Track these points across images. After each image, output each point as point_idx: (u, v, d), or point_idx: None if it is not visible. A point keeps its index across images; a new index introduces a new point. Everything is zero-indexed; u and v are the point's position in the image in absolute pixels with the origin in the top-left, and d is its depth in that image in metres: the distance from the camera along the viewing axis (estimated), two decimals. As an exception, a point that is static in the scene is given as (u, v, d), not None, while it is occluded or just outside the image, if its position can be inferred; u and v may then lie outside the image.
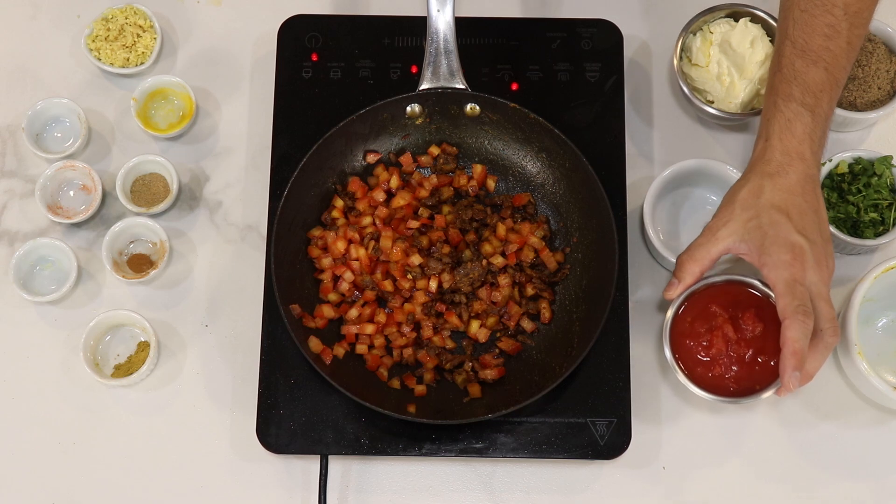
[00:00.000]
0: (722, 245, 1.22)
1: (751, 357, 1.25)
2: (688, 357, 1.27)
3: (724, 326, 1.25)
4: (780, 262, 1.18)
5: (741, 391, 1.25)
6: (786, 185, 1.21)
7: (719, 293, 1.27)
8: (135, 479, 1.37)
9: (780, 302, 1.18)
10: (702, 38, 1.46)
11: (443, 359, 1.37)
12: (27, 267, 1.43)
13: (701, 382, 1.26)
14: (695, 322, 1.27)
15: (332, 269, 1.40)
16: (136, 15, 1.51)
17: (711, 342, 1.26)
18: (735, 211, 1.22)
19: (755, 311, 1.25)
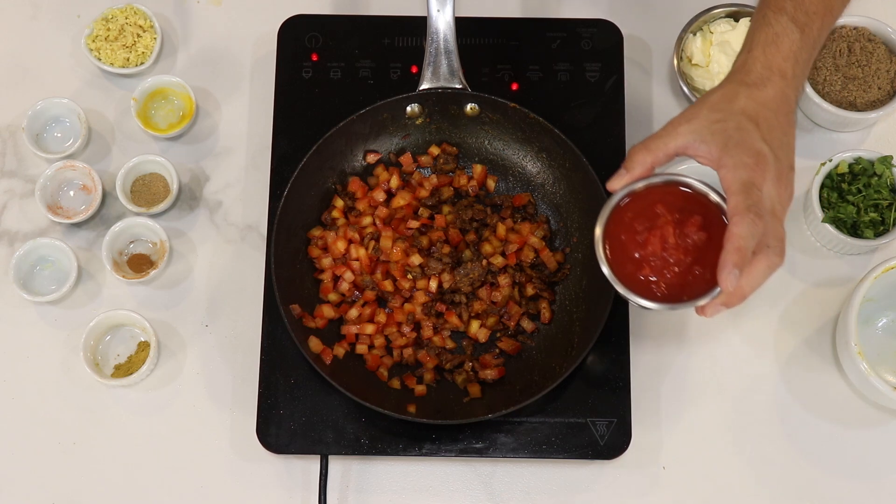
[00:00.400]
0: (681, 140, 1.14)
1: (686, 266, 1.16)
2: (619, 252, 1.18)
3: (665, 228, 1.16)
4: (741, 163, 1.11)
5: (667, 299, 1.16)
6: (761, 98, 1.15)
7: (669, 195, 1.18)
8: (135, 479, 1.37)
9: (732, 200, 1.10)
10: (702, 39, 1.46)
11: (443, 359, 1.38)
12: (27, 267, 1.43)
13: (626, 279, 1.17)
14: (636, 218, 1.18)
15: (333, 269, 1.40)
16: (136, 15, 1.51)
17: (647, 241, 1.17)
18: (702, 111, 1.15)
19: (702, 220, 1.16)
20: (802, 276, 1.44)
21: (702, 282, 1.15)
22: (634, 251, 1.17)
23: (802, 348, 1.41)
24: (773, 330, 1.42)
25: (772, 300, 1.43)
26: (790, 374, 1.40)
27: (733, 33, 1.43)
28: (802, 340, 1.42)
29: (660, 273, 1.16)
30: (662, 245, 1.16)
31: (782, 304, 1.43)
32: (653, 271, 1.16)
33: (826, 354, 1.41)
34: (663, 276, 1.16)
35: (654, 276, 1.17)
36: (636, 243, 1.17)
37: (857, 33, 1.45)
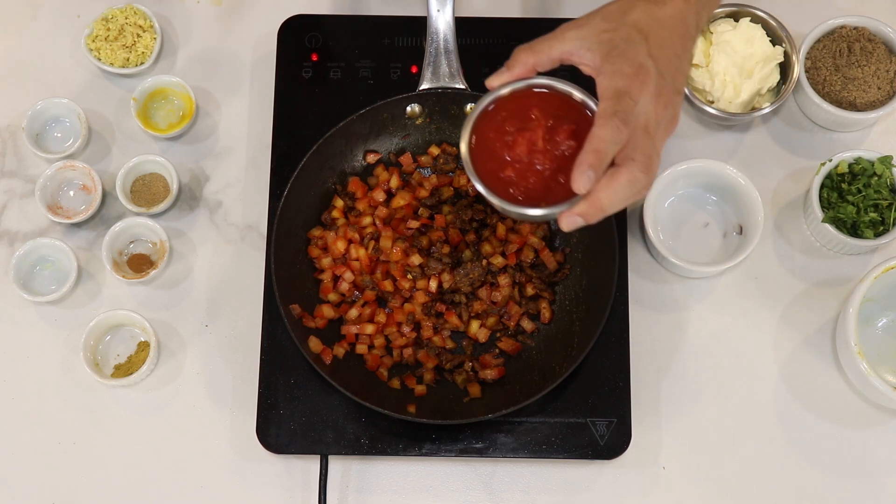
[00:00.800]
0: (567, 45, 1.10)
1: (550, 173, 1.12)
2: (484, 148, 1.14)
3: (535, 132, 1.12)
4: (619, 72, 1.07)
5: (525, 203, 1.12)
6: (657, 14, 1.12)
7: (547, 100, 1.14)
8: (135, 478, 1.37)
9: (601, 105, 1.06)
10: (702, 39, 1.46)
11: (443, 359, 1.38)
12: (27, 267, 1.43)
13: (486, 177, 1.13)
14: (508, 118, 1.14)
15: (332, 268, 1.40)
16: (136, 15, 1.51)
17: (515, 143, 1.12)
18: (594, 19, 1.12)
19: (575, 129, 1.12)
20: (802, 276, 1.44)
21: (564, 192, 1.10)
22: (501, 151, 1.13)
23: (802, 348, 1.41)
24: (772, 330, 1.42)
25: (772, 300, 1.43)
26: (790, 374, 1.40)
27: (733, 33, 1.44)
28: (802, 340, 1.42)
29: (522, 176, 1.12)
30: (529, 148, 1.12)
31: (782, 304, 1.43)
32: (515, 174, 1.12)
33: (826, 354, 1.41)
34: (525, 179, 1.12)
35: (515, 177, 1.13)
36: (504, 143, 1.13)
37: (857, 33, 1.45)
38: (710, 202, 1.45)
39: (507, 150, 1.13)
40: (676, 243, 1.44)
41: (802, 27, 1.48)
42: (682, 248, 1.44)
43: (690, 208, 1.45)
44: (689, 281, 1.44)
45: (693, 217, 1.45)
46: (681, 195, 1.45)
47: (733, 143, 1.49)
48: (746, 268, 1.44)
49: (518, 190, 1.12)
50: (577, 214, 1.08)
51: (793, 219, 1.46)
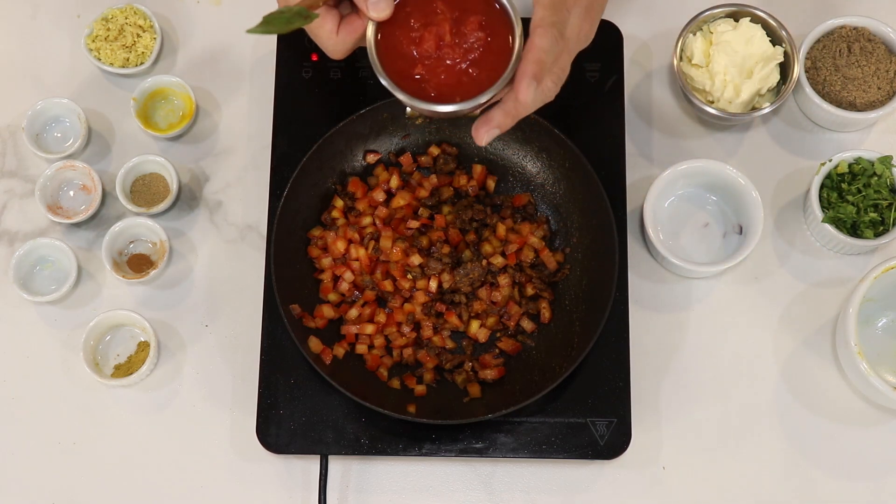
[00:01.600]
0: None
1: (463, 67, 1.09)
2: (391, 49, 1.11)
3: (442, 25, 1.09)
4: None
5: (440, 99, 1.09)
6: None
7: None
8: (135, 478, 1.37)
9: (540, 12, 1.07)
10: (702, 38, 1.46)
11: (443, 359, 1.38)
12: (27, 267, 1.43)
13: (398, 78, 1.10)
14: (413, 14, 1.10)
15: (332, 269, 1.40)
16: (135, 15, 1.51)
17: (422, 39, 1.09)
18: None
19: (483, 20, 1.10)
20: (802, 276, 1.44)
21: (475, 84, 1.09)
22: (409, 48, 1.10)
23: (802, 348, 1.41)
24: (772, 330, 1.42)
25: (772, 300, 1.43)
26: (790, 374, 1.41)
27: (733, 33, 1.44)
28: (802, 340, 1.42)
29: (433, 72, 1.10)
30: (437, 43, 1.09)
31: (782, 303, 1.43)
32: (425, 70, 1.10)
33: (826, 354, 1.41)
34: (436, 75, 1.10)
35: (426, 74, 1.10)
36: (411, 40, 1.10)
37: (857, 33, 1.45)
38: (710, 202, 1.45)
39: (414, 46, 1.10)
40: (676, 243, 1.44)
41: (802, 27, 1.48)
42: (682, 248, 1.44)
43: (690, 208, 1.45)
44: (689, 281, 1.44)
45: (693, 217, 1.45)
46: (681, 195, 1.45)
47: (733, 143, 1.49)
48: (746, 268, 1.44)
49: (429, 86, 1.10)
50: (495, 126, 1.09)
51: (793, 219, 1.46)
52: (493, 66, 1.08)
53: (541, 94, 1.09)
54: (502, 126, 1.09)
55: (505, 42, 1.08)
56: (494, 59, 1.08)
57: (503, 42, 1.08)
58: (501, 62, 1.08)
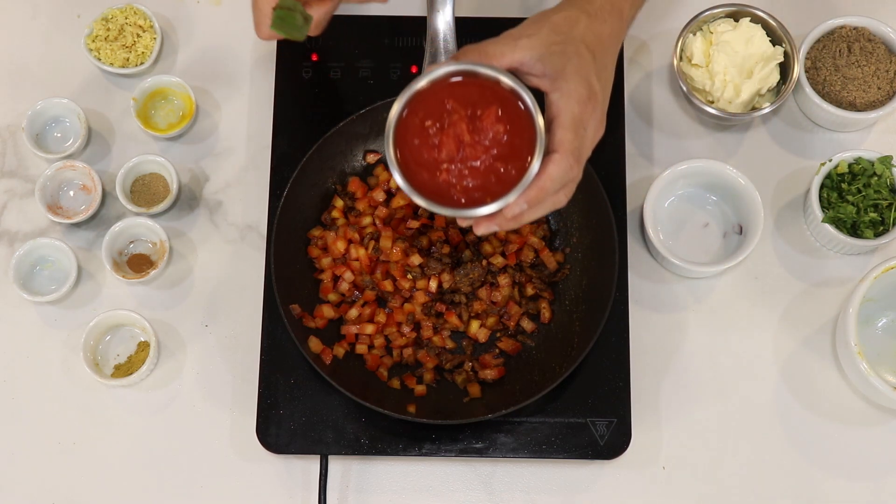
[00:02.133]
0: (519, 55, 1.09)
1: (488, 165, 1.07)
2: (412, 159, 1.07)
3: (459, 125, 1.06)
4: (577, 93, 1.08)
5: (471, 204, 1.07)
6: (599, 31, 1.13)
7: (458, 87, 1.08)
8: (135, 478, 1.37)
9: (560, 134, 1.07)
10: (702, 38, 1.46)
11: (443, 359, 1.38)
12: (27, 267, 1.43)
13: (423, 188, 1.07)
14: (426, 119, 1.07)
15: (332, 269, 1.40)
16: (135, 15, 1.51)
17: (442, 144, 1.06)
18: (543, 30, 1.11)
19: (498, 109, 1.07)
20: (802, 276, 1.44)
21: (507, 180, 1.07)
22: (430, 156, 1.07)
23: (802, 348, 1.42)
24: (773, 330, 1.42)
25: (772, 300, 1.43)
26: (790, 374, 1.41)
27: (733, 33, 1.44)
28: (802, 340, 1.42)
29: (460, 177, 1.07)
30: (458, 145, 1.06)
31: (782, 304, 1.43)
32: (451, 175, 1.07)
33: (826, 354, 1.41)
34: (464, 179, 1.07)
35: (455, 181, 1.07)
36: (431, 147, 1.07)
37: (857, 33, 1.45)
38: (710, 202, 1.45)
39: (435, 153, 1.07)
40: (676, 243, 1.44)
41: (802, 27, 1.48)
42: (682, 248, 1.44)
43: (690, 208, 1.45)
44: (689, 281, 1.44)
45: (693, 217, 1.45)
46: (681, 195, 1.45)
47: (733, 143, 1.49)
48: (746, 268, 1.44)
49: (458, 192, 1.07)
50: (495, 224, 1.09)
51: (793, 219, 1.46)
52: (518, 155, 1.06)
53: (552, 207, 1.10)
54: (503, 227, 1.10)
55: (526, 125, 1.06)
56: (519, 147, 1.06)
57: (524, 126, 1.06)
58: (526, 147, 1.07)
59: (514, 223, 1.09)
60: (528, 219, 1.09)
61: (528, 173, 1.05)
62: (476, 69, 1.07)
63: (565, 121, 1.07)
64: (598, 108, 1.10)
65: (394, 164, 1.07)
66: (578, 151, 1.08)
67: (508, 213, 1.06)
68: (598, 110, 1.10)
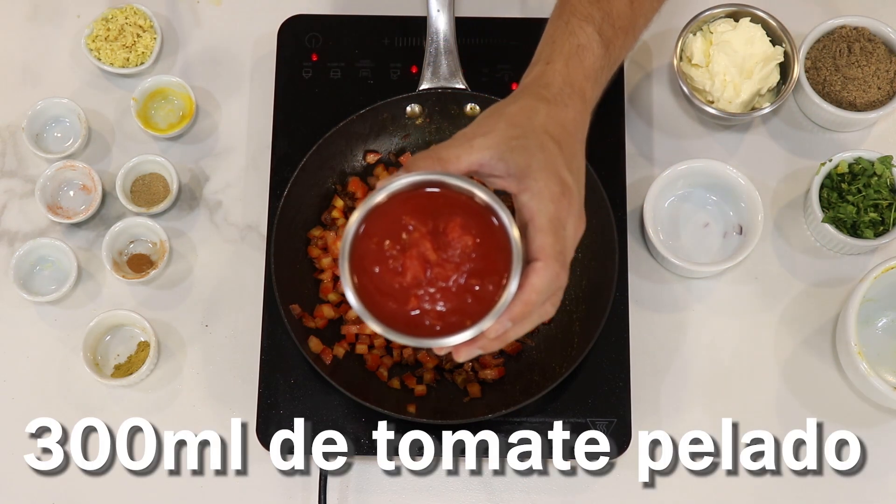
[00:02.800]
0: (476, 156, 0.98)
1: (461, 284, 0.94)
2: (376, 289, 0.94)
3: (421, 244, 0.93)
4: (550, 192, 0.97)
5: (448, 329, 0.94)
6: (561, 118, 1.02)
7: (413, 199, 0.95)
8: (135, 478, 1.37)
9: (540, 239, 0.96)
10: (702, 38, 1.46)
11: (443, 359, 1.38)
12: (27, 267, 1.43)
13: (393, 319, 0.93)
14: (383, 241, 0.94)
15: (333, 269, 1.40)
16: (136, 15, 1.51)
17: (405, 267, 0.93)
18: (500, 125, 0.99)
19: (463, 220, 0.94)
20: (802, 276, 1.44)
21: (484, 299, 0.94)
22: (393, 282, 0.94)
23: (802, 348, 1.42)
24: (772, 330, 1.42)
25: (772, 300, 1.43)
26: (790, 374, 1.41)
27: (733, 33, 1.44)
28: (802, 340, 1.42)
29: (431, 300, 0.94)
30: (424, 267, 0.93)
31: (782, 304, 1.43)
32: (421, 301, 0.94)
33: (826, 354, 1.41)
34: (435, 304, 0.94)
35: (425, 305, 0.94)
36: (394, 273, 0.94)
37: (857, 33, 1.45)
38: (710, 202, 1.45)
39: (399, 279, 0.94)
40: (676, 243, 1.44)
41: (802, 27, 1.48)
42: (682, 248, 1.44)
43: (690, 208, 1.45)
44: (688, 281, 1.44)
45: (693, 217, 1.45)
46: (681, 195, 1.45)
47: (733, 143, 1.49)
48: (746, 268, 1.45)
49: (432, 318, 0.94)
50: (479, 348, 0.98)
51: (793, 219, 1.46)
52: (494, 269, 0.94)
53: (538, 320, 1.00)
54: (486, 349, 0.99)
55: (497, 235, 0.94)
56: (494, 259, 0.94)
57: (495, 235, 0.94)
58: (502, 258, 0.95)
59: (499, 343, 0.97)
60: (513, 336, 0.97)
61: (507, 289, 0.93)
62: (444, 180, 0.95)
63: (542, 223, 0.96)
64: (574, 203, 0.99)
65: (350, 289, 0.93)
66: (562, 256, 0.97)
67: (492, 334, 0.94)
68: (574, 205, 0.99)
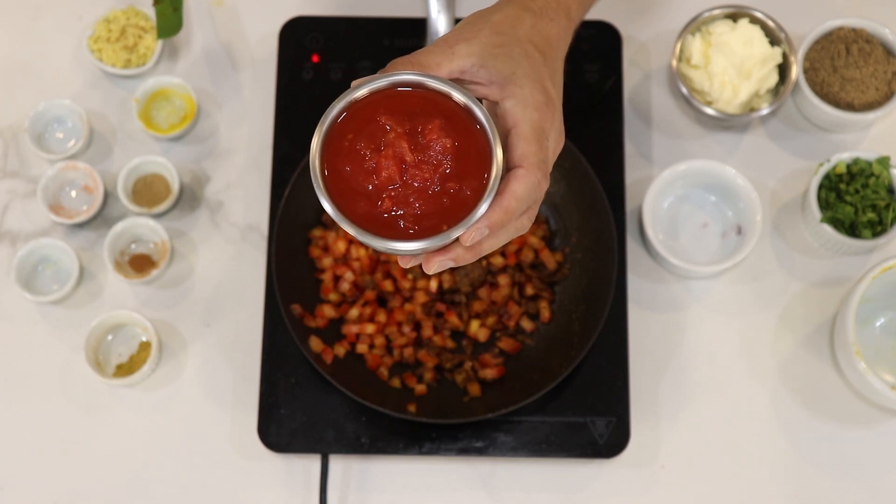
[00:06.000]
0: (458, 63, 0.94)
1: (437, 187, 0.89)
2: (346, 189, 0.89)
3: (398, 144, 0.89)
4: (534, 100, 0.93)
5: (424, 233, 0.88)
6: (546, 31, 0.99)
7: (390, 99, 0.91)
8: (136, 477, 1.38)
9: (523, 146, 0.91)
10: (700, 39, 1.46)
11: (443, 358, 1.38)
12: (29, 267, 1.43)
13: (366, 222, 0.88)
14: (357, 139, 0.90)
15: (333, 268, 1.40)
16: (137, 16, 1.51)
17: (380, 167, 0.88)
18: (483, 31, 0.96)
19: (442, 123, 0.90)
20: (801, 276, 1.44)
21: (460, 201, 0.89)
22: (366, 182, 0.89)
23: (800, 348, 1.42)
24: (771, 329, 1.43)
25: (770, 300, 1.43)
26: (788, 374, 1.41)
27: (732, 34, 1.44)
28: (800, 340, 1.42)
29: (405, 203, 0.89)
30: (399, 167, 0.89)
31: (780, 303, 1.43)
32: (395, 203, 0.88)
33: (824, 354, 1.42)
34: (411, 206, 0.89)
35: (400, 209, 0.89)
36: (366, 172, 0.89)
37: (856, 34, 1.46)
38: (709, 202, 1.46)
39: (373, 178, 0.89)
40: (675, 243, 1.44)
41: (801, 28, 1.48)
42: (681, 248, 1.44)
43: (689, 208, 1.46)
44: (687, 281, 1.44)
45: (692, 217, 1.46)
46: (680, 195, 1.46)
47: (732, 143, 1.50)
48: (745, 268, 1.45)
49: (407, 221, 0.89)
50: (450, 259, 0.92)
51: (791, 219, 1.47)
52: (473, 172, 0.89)
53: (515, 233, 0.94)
54: (459, 260, 0.92)
55: (477, 138, 0.90)
56: (473, 163, 0.89)
57: (475, 139, 0.90)
58: (482, 163, 0.90)
59: (472, 254, 0.92)
60: (487, 248, 0.92)
61: (485, 194, 0.89)
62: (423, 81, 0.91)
63: (525, 131, 0.92)
64: (556, 115, 0.96)
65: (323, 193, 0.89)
66: (544, 164, 0.93)
67: (467, 241, 0.89)
68: (556, 118, 0.96)
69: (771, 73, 1.45)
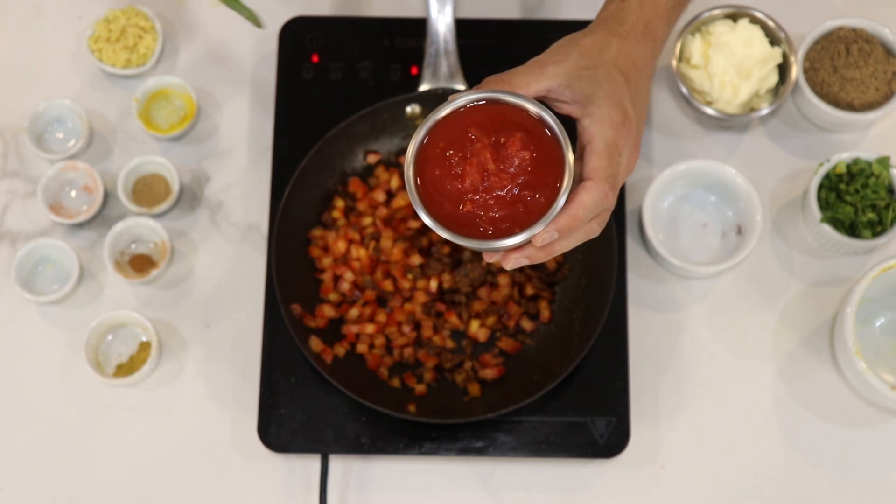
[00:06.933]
0: (546, 83, 1.03)
1: (515, 194, 0.99)
2: (434, 190, 1.01)
3: (482, 154, 0.99)
4: (610, 119, 1.01)
5: (498, 235, 0.99)
6: (631, 54, 1.06)
7: (480, 114, 1.02)
8: (137, 477, 1.38)
9: (595, 161, 1.00)
10: (700, 39, 1.46)
11: (443, 358, 1.38)
12: (29, 267, 1.44)
13: (448, 220, 1.00)
14: (448, 148, 1.01)
15: (333, 268, 1.41)
16: (137, 16, 1.51)
17: (465, 173, 0.99)
18: (572, 55, 1.04)
19: (523, 136, 1.00)
20: (801, 276, 1.45)
21: (535, 208, 0.99)
22: (453, 186, 1.00)
23: (800, 348, 1.42)
24: (771, 329, 1.43)
25: (770, 300, 1.43)
26: (788, 374, 1.41)
27: (732, 34, 1.44)
28: (800, 340, 1.42)
29: (485, 207, 1.00)
30: (482, 174, 0.99)
31: (780, 303, 1.43)
32: (476, 206, 0.99)
33: (824, 354, 1.42)
34: (489, 209, 1.00)
35: (480, 211, 1.00)
36: (453, 177, 1.00)
37: (856, 34, 1.46)
38: (709, 202, 1.46)
39: (458, 183, 1.00)
40: (675, 243, 1.44)
41: (801, 28, 1.48)
42: (681, 248, 1.44)
43: (689, 208, 1.46)
44: (687, 281, 1.44)
45: (692, 217, 1.46)
46: (680, 195, 1.46)
47: (732, 143, 1.50)
48: (745, 268, 1.45)
49: (484, 223, 1.00)
50: (525, 257, 1.01)
51: (791, 219, 1.47)
52: (546, 183, 0.99)
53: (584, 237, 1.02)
54: (533, 258, 1.02)
55: (553, 151, 1.00)
56: (548, 175, 0.99)
57: (551, 153, 0.99)
58: (555, 174, 0.99)
59: (545, 254, 1.01)
60: (559, 249, 1.01)
61: (557, 201, 0.99)
62: (499, 97, 1.01)
63: (598, 147, 1.01)
64: (632, 134, 1.04)
65: (415, 197, 1.01)
66: (613, 178, 1.01)
67: (538, 242, 0.98)
68: (632, 136, 1.04)
69: (771, 73, 1.45)
